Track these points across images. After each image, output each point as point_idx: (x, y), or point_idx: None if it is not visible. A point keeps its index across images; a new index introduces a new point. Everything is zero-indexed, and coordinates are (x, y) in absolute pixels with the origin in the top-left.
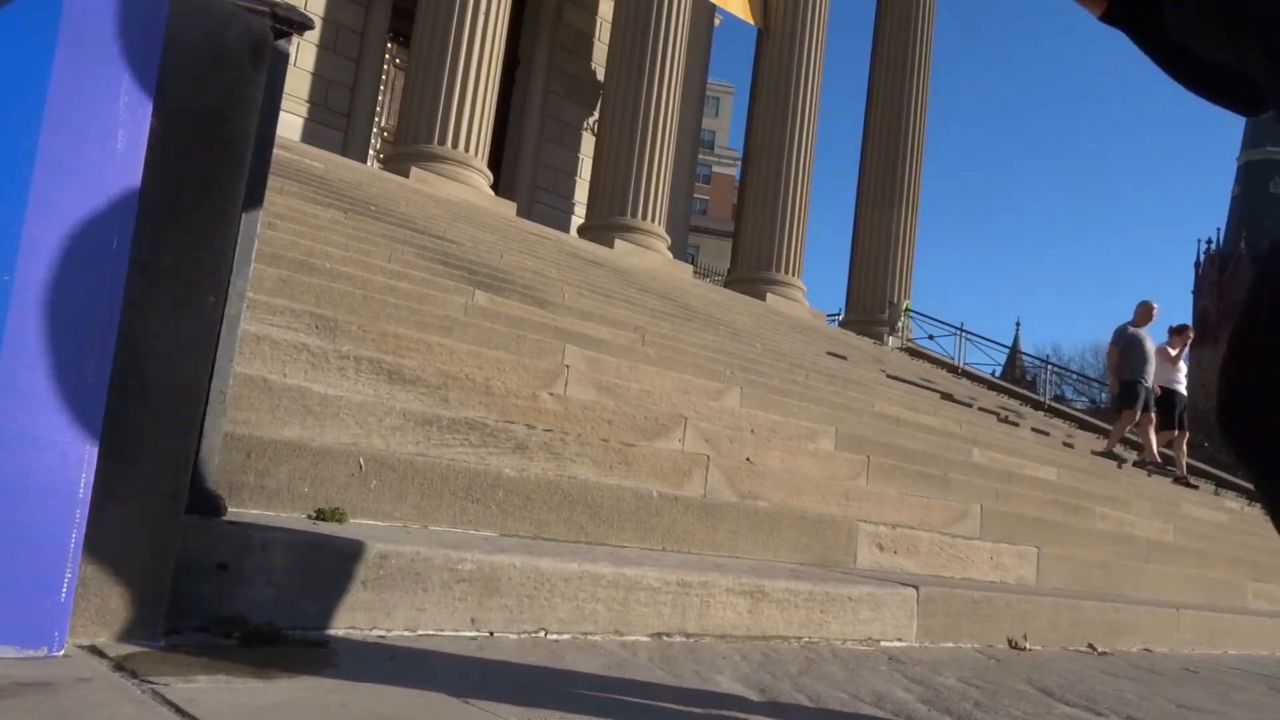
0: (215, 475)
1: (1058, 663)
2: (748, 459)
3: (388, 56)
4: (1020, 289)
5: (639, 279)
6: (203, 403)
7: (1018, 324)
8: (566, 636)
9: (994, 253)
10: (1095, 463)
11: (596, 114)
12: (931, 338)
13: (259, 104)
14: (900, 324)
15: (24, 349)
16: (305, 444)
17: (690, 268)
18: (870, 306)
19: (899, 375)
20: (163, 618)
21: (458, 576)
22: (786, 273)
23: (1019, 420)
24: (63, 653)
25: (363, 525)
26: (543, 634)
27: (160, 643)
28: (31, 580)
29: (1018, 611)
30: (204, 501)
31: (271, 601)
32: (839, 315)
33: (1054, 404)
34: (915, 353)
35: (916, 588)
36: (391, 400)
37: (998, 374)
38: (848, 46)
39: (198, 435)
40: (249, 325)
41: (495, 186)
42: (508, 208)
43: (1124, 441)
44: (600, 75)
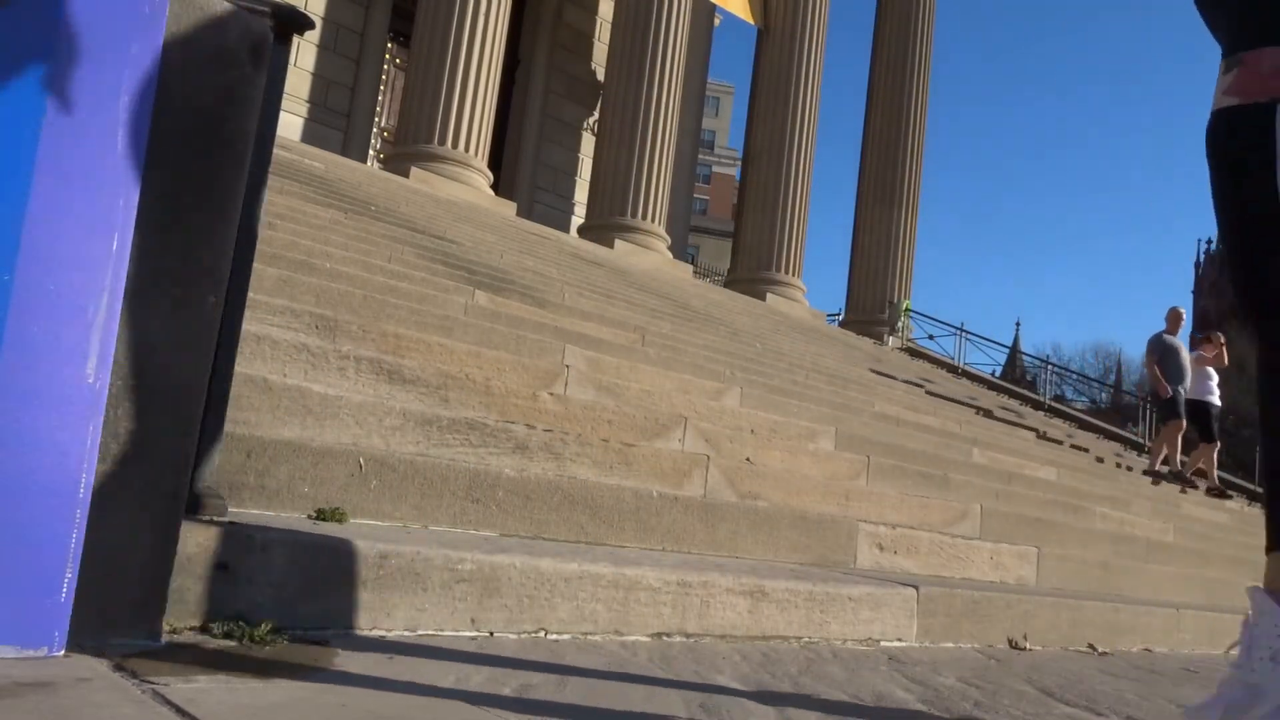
0: (215, 475)
1: (1058, 663)
2: (748, 459)
3: (388, 56)
4: (1020, 289)
5: (639, 279)
6: (203, 403)
7: (1018, 324)
8: (566, 636)
9: (994, 253)
10: (1095, 463)
11: (596, 114)
12: (931, 338)
13: (259, 104)
14: (900, 324)
15: (24, 349)
16: (305, 444)
17: (690, 268)
18: (870, 306)
19: (899, 375)
20: (163, 618)
21: (458, 576)
22: (786, 273)
23: (1019, 420)
24: (63, 653)
25: (363, 525)
26: (543, 634)
27: (160, 643)
28: (31, 580)
29: (1018, 611)
30: (204, 501)
31: (271, 601)
32: (839, 315)
33: (1054, 404)
34: (915, 353)
35: (916, 588)
36: (391, 400)
37: (998, 374)
38: (848, 46)
39: (198, 435)
40: (249, 325)
41: (495, 186)
42: (508, 208)
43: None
44: (600, 75)
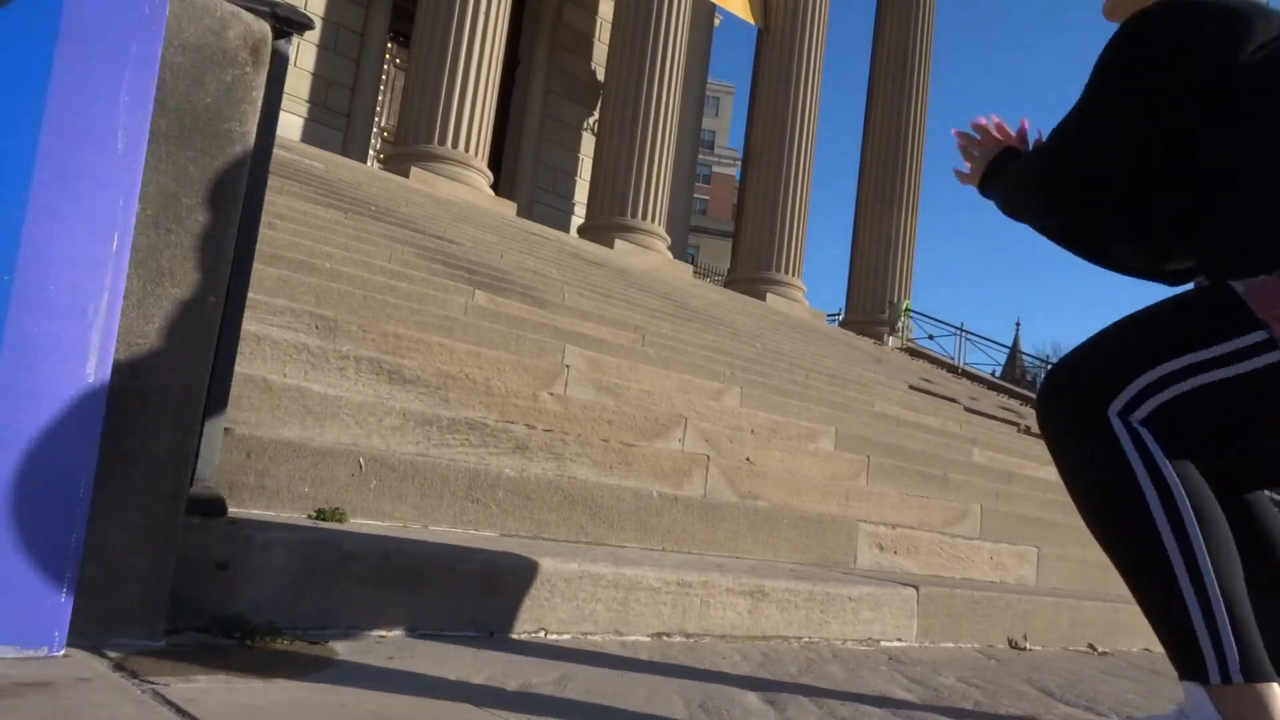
0: (215, 475)
1: (1058, 663)
2: (748, 459)
3: (388, 56)
4: (1020, 289)
5: (639, 279)
6: (203, 403)
7: (1018, 324)
8: (566, 636)
9: (994, 252)
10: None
11: (596, 114)
12: (931, 338)
13: (259, 104)
14: (900, 324)
15: (24, 348)
16: (305, 444)
17: (690, 268)
18: (870, 306)
19: (899, 375)
20: (163, 618)
21: (458, 576)
22: (786, 273)
23: (1019, 420)
24: (63, 653)
25: (363, 525)
26: (542, 634)
27: (160, 643)
28: (31, 580)
29: (1018, 611)
30: (204, 501)
31: (271, 601)
32: (839, 315)
33: None
34: (915, 353)
35: (916, 588)
36: (391, 400)
37: (998, 374)
38: (848, 46)
39: (198, 435)
40: (249, 325)
41: (495, 186)
42: (508, 208)
43: None
44: (600, 75)
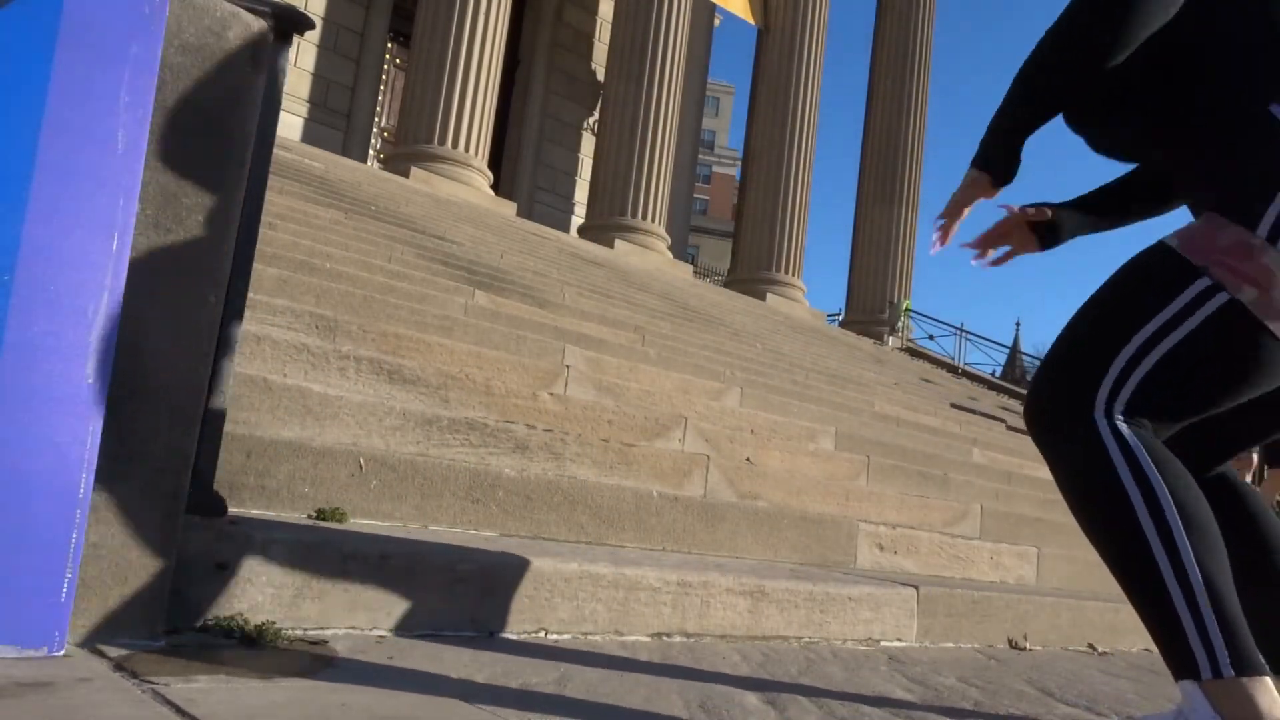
0: (215, 475)
1: (1058, 663)
2: (748, 459)
3: (388, 56)
4: (1020, 289)
5: (639, 279)
6: (203, 403)
7: (1018, 324)
8: (566, 636)
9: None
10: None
11: (596, 114)
12: (932, 338)
13: (259, 104)
14: (900, 324)
15: (24, 349)
16: (305, 444)
17: (690, 268)
18: (870, 306)
19: (899, 375)
20: (163, 618)
21: (458, 576)
22: (786, 273)
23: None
24: (63, 653)
25: (363, 525)
26: (543, 634)
27: (160, 643)
28: (31, 580)
29: (1018, 611)
30: (204, 501)
31: (271, 601)
32: (839, 315)
33: None
34: (915, 353)
35: (916, 588)
36: (391, 400)
37: (998, 374)
38: (848, 46)
39: (198, 435)
40: (249, 325)
41: (495, 186)
42: (508, 208)
43: None
44: (600, 75)
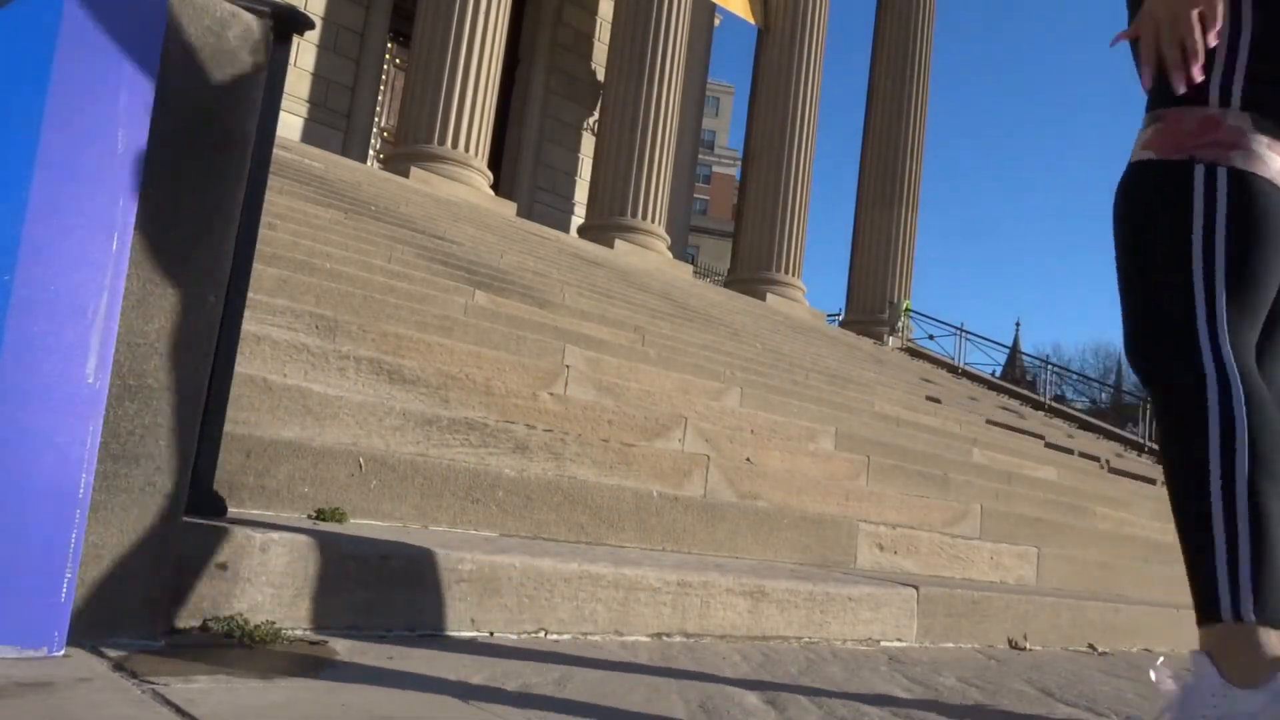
0: (215, 475)
1: (1058, 663)
2: (748, 459)
3: (388, 56)
4: (1020, 289)
5: (639, 279)
6: (202, 403)
7: (1018, 324)
8: (566, 637)
9: (994, 252)
10: (1094, 463)
11: (596, 114)
12: (932, 338)
13: (259, 104)
14: (900, 324)
15: (24, 349)
16: (305, 444)
17: (690, 268)
18: (870, 306)
19: (899, 375)
20: (163, 618)
21: (458, 576)
22: (786, 273)
23: (1019, 420)
24: (63, 653)
25: (363, 525)
26: (543, 634)
27: (160, 643)
28: (31, 580)
29: (1018, 611)
30: (204, 501)
31: (271, 601)
32: (839, 315)
33: (1054, 404)
34: (915, 353)
35: (916, 588)
36: (391, 400)
37: (998, 374)
38: (848, 46)
39: (197, 435)
40: (249, 325)
41: (495, 186)
42: (508, 208)
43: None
44: (600, 75)
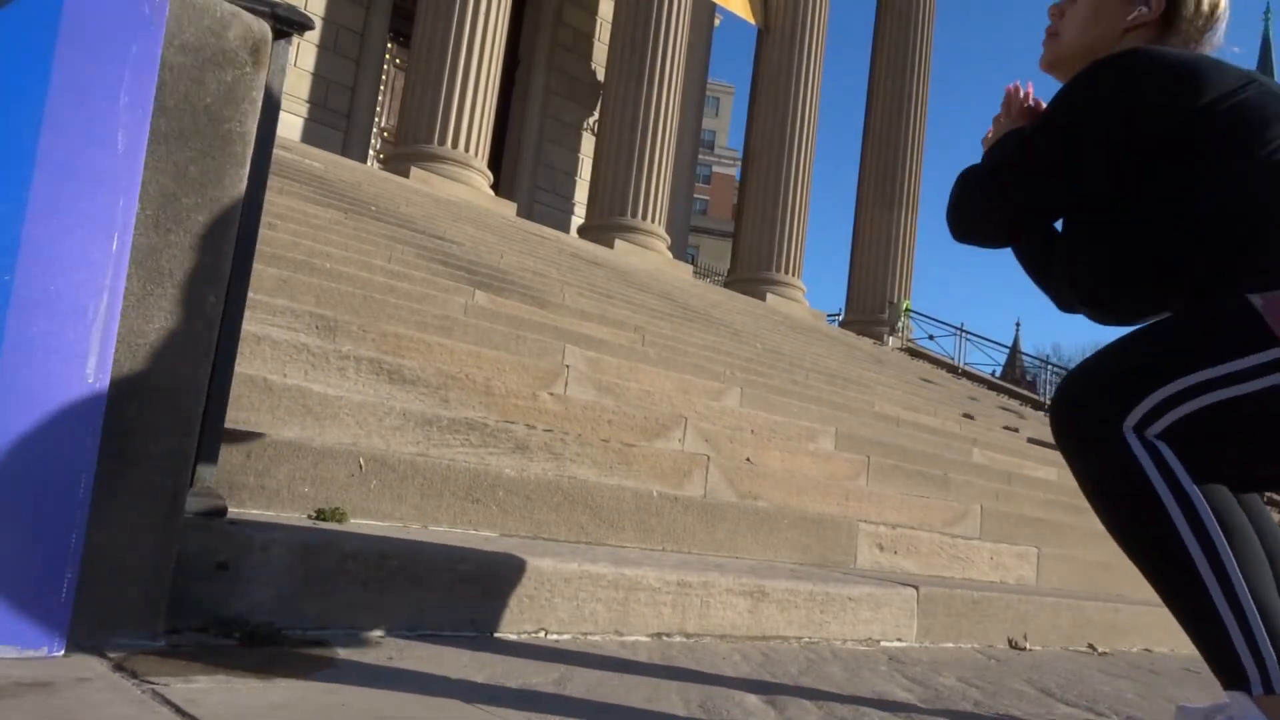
0: (215, 475)
1: (1058, 663)
2: (748, 459)
3: (388, 56)
4: (1020, 289)
5: (639, 279)
6: (203, 403)
7: (1018, 324)
8: (566, 636)
9: (994, 252)
10: None
11: (596, 114)
12: (931, 338)
13: (259, 104)
14: (900, 324)
15: (24, 349)
16: (305, 444)
17: (690, 268)
18: (870, 306)
19: (899, 375)
20: (163, 618)
21: (458, 576)
22: (786, 273)
23: (1019, 420)
24: (63, 653)
25: (363, 525)
26: (543, 634)
27: (160, 643)
28: (31, 580)
29: (1018, 611)
30: (204, 501)
31: (271, 601)
32: (839, 315)
33: None
34: (915, 353)
35: (916, 588)
36: (391, 400)
37: (998, 374)
38: (848, 46)
39: (197, 435)
40: (249, 325)
41: (495, 186)
42: (508, 208)
43: None
44: (600, 75)
